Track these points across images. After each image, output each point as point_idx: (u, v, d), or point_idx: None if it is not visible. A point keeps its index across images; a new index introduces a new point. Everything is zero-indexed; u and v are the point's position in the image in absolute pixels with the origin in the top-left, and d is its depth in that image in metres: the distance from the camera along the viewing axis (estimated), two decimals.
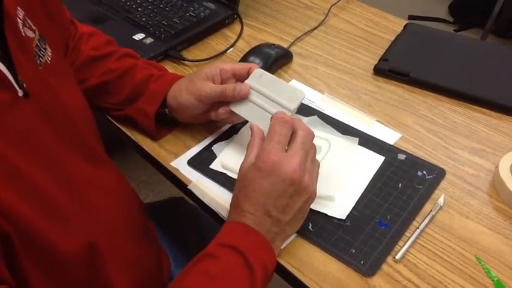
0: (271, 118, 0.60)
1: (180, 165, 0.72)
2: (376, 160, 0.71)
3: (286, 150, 0.57)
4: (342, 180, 0.68)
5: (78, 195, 0.51)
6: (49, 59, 0.57)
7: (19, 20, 0.53)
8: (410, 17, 2.42)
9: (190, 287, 0.52)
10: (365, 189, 0.67)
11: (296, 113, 0.77)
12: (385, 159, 0.72)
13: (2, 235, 0.41)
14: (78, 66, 0.77)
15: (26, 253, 0.44)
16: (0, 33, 0.47)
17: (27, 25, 0.55)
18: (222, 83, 0.70)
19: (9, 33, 0.48)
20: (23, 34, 0.53)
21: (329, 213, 0.64)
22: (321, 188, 0.65)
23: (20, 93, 0.47)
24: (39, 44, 0.56)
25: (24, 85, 0.48)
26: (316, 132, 0.74)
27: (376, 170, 0.70)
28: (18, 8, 0.54)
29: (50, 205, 0.47)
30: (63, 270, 0.48)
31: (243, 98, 0.67)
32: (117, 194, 0.62)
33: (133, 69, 0.75)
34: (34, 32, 0.56)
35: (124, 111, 0.76)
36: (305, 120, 0.76)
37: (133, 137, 0.76)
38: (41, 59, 0.55)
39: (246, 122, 0.77)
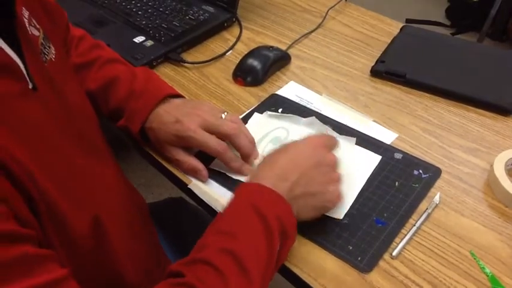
0: None
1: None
2: (373, 159, 0.73)
3: None
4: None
5: (81, 184, 0.54)
6: (53, 57, 0.59)
7: (25, 19, 0.55)
8: (408, 21, 2.44)
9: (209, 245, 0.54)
10: (362, 188, 0.69)
11: (295, 114, 0.79)
12: (382, 159, 0.73)
13: (31, 199, 0.44)
14: None
15: (49, 223, 0.47)
16: (12, 31, 0.49)
17: (33, 24, 0.57)
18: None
19: (19, 30, 0.50)
20: (30, 33, 0.55)
21: (327, 214, 0.65)
22: None
23: (30, 85, 0.49)
24: (43, 43, 0.57)
25: (34, 79, 0.49)
26: (315, 133, 0.76)
27: (373, 169, 0.71)
28: (23, 8, 0.56)
29: (63, 182, 0.50)
30: (74, 244, 0.51)
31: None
32: (116, 190, 0.63)
33: (116, 83, 0.74)
34: (39, 30, 0.57)
35: (117, 123, 0.75)
36: (303, 121, 0.78)
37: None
38: (46, 56, 0.57)
39: (246, 123, 0.79)
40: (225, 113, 0.71)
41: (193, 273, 0.50)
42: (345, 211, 0.66)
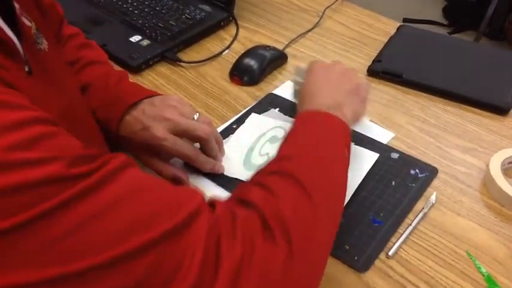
0: None
1: (177, 165, 0.72)
2: (370, 158, 0.73)
3: None
4: None
5: None
6: (46, 47, 0.58)
7: (17, 10, 0.54)
8: (405, 20, 2.44)
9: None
10: (359, 187, 0.69)
11: (292, 113, 0.79)
12: (378, 158, 0.73)
13: None
14: None
15: None
16: (10, 13, 0.49)
17: (24, 15, 0.56)
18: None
19: (16, 15, 0.50)
20: (23, 21, 0.55)
21: None
22: None
23: (26, 68, 0.48)
24: (36, 33, 0.57)
25: (30, 63, 0.49)
26: None
27: (369, 167, 0.71)
28: (14, 1, 0.56)
29: None
30: None
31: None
32: None
33: (89, 90, 0.72)
34: (30, 22, 0.57)
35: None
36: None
37: None
38: (40, 46, 0.56)
39: (243, 122, 0.79)
40: (197, 114, 0.69)
41: (269, 181, 0.51)
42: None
